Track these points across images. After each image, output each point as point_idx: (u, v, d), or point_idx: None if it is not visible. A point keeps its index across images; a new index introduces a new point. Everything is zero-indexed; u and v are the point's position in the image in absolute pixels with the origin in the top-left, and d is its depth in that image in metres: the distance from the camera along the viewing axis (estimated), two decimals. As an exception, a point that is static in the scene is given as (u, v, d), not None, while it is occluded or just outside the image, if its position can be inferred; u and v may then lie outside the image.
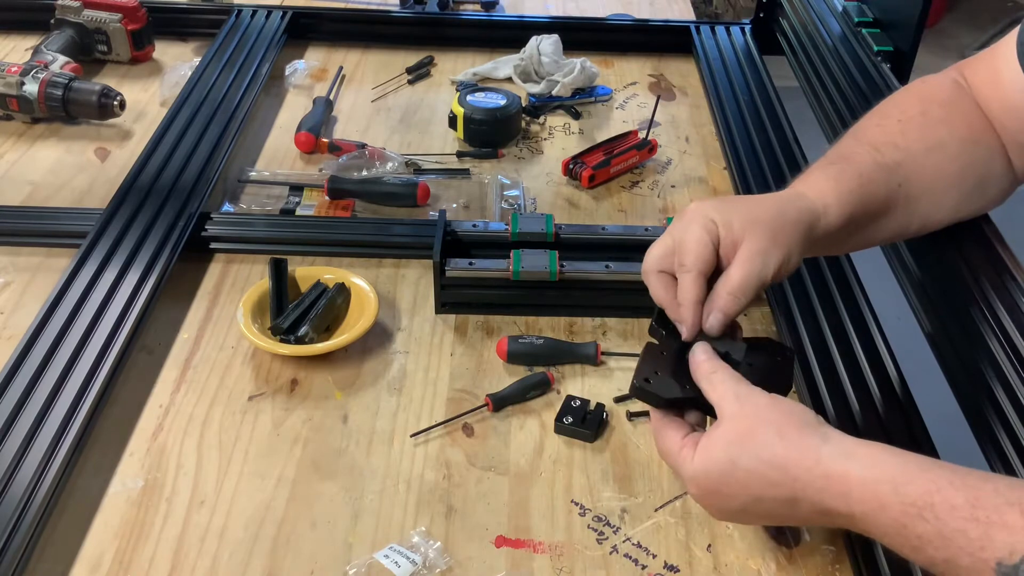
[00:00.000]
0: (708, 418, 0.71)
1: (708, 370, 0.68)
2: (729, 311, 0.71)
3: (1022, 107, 0.80)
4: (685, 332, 0.72)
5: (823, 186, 0.76)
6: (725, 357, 0.71)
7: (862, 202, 0.77)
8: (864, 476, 0.58)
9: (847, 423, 0.82)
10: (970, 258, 0.86)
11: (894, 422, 0.82)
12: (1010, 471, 0.72)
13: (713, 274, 0.72)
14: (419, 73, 1.45)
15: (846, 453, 0.60)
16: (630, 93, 1.44)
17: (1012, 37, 0.82)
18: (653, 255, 0.74)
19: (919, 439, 0.81)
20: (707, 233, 0.71)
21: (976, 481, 0.56)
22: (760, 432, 0.62)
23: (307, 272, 0.99)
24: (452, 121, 1.28)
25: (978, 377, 0.79)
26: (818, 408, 0.85)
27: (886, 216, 0.80)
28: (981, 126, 0.84)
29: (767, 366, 0.72)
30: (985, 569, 0.54)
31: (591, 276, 0.96)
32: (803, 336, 0.93)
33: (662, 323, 0.74)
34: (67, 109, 1.26)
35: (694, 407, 0.70)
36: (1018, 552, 0.53)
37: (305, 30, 1.52)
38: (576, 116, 1.36)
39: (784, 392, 0.70)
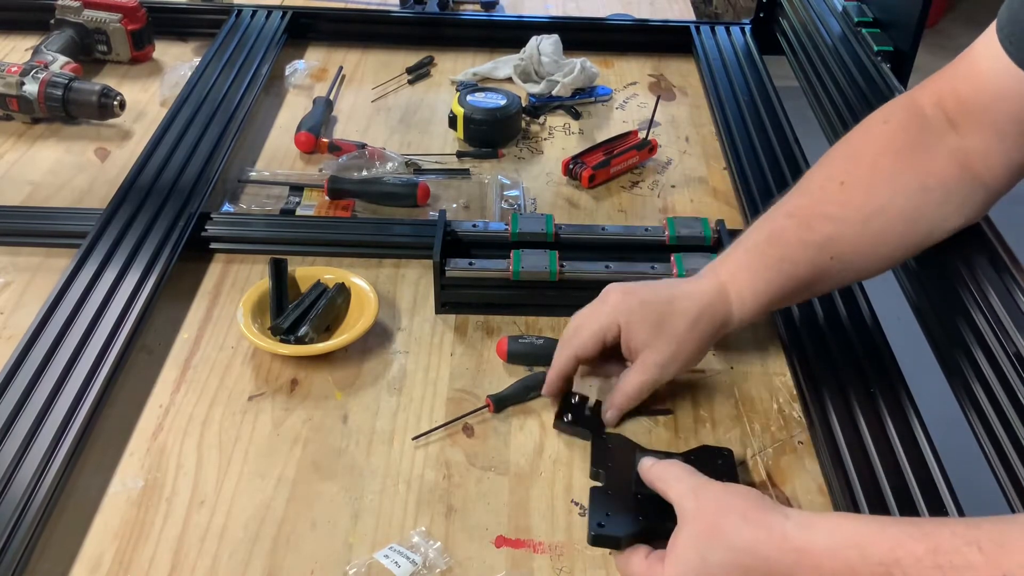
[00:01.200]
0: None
1: (660, 471, 0.71)
2: (623, 408, 0.84)
3: (1008, 89, 0.78)
4: (545, 390, 0.86)
5: (743, 276, 0.83)
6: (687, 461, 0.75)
7: (782, 287, 0.83)
8: (829, 544, 0.60)
9: (847, 423, 0.82)
10: (970, 258, 0.86)
11: (894, 423, 0.82)
12: (1010, 471, 0.73)
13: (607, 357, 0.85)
14: (419, 73, 1.45)
15: (808, 525, 0.62)
16: (630, 93, 1.44)
17: (985, 33, 0.81)
18: (562, 338, 0.86)
19: (919, 439, 0.81)
20: (603, 331, 0.83)
21: (933, 528, 0.58)
22: (725, 522, 0.64)
23: (307, 272, 0.99)
24: (452, 121, 1.28)
25: (978, 376, 0.79)
26: (819, 409, 0.85)
27: (814, 286, 0.84)
28: (937, 165, 0.82)
29: (710, 470, 0.73)
30: None
31: (591, 276, 0.96)
32: (803, 335, 0.93)
33: (600, 463, 0.80)
34: (67, 109, 1.26)
35: (654, 535, 0.71)
36: None
37: (305, 30, 1.52)
38: (576, 116, 1.36)
39: (733, 474, 0.78)
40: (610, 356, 0.85)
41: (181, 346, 0.94)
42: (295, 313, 0.94)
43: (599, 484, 0.78)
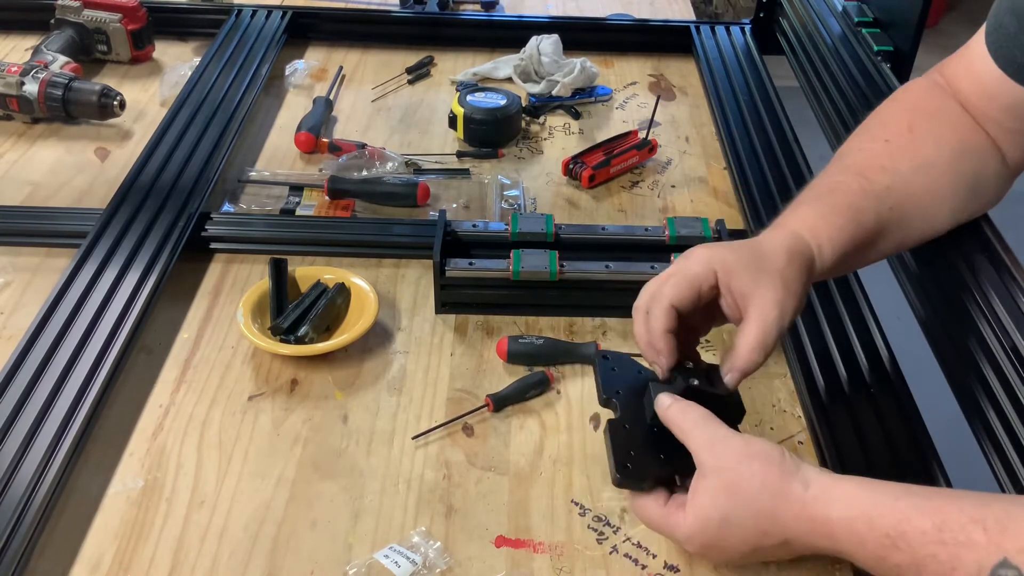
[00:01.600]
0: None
1: (678, 416, 0.69)
2: (749, 368, 0.71)
3: (999, 93, 0.81)
4: (659, 370, 0.72)
5: (815, 224, 0.76)
6: (688, 392, 0.71)
7: (854, 236, 0.78)
8: (842, 516, 0.62)
9: (847, 423, 0.82)
10: (970, 258, 0.86)
11: (894, 423, 0.82)
12: (1009, 470, 0.73)
13: (693, 323, 0.74)
14: (419, 73, 1.45)
15: (826, 497, 0.63)
16: (630, 93, 1.44)
17: (978, 34, 0.83)
18: (646, 291, 0.74)
19: (919, 439, 0.81)
20: (700, 279, 0.71)
21: (942, 503, 0.59)
22: (745, 485, 0.65)
23: (307, 272, 0.99)
24: (452, 121, 1.28)
25: (977, 376, 0.79)
26: (818, 409, 0.85)
27: (879, 241, 0.81)
28: (969, 129, 0.84)
29: (718, 394, 0.72)
30: None
31: (591, 276, 0.96)
32: (803, 335, 0.93)
33: (609, 390, 0.75)
34: (67, 109, 1.26)
35: (678, 472, 0.70)
36: (985, 569, 0.55)
37: (305, 30, 1.52)
38: (576, 116, 1.36)
39: (742, 412, 0.74)
40: (674, 475, 0.73)
41: (181, 346, 0.94)
42: (295, 313, 0.94)
43: (612, 416, 0.74)
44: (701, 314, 0.74)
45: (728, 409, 0.73)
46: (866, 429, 0.82)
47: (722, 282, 0.71)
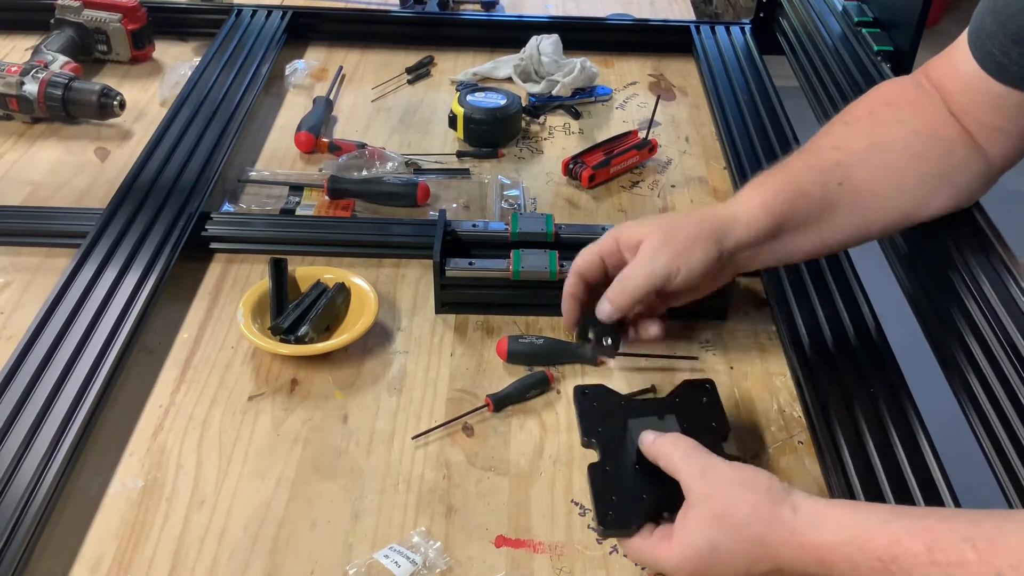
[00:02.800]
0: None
1: (664, 448, 0.70)
2: (620, 304, 0.81)
3: (982, 92, 0.82)
4: (564, 319, 0.85)
5: (748, 195, 0.82)
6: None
7: (791, 202, 0.81)
8: (832, 540, 0.61)
9: (847, 423, 0.82)
10: (970, 258, 0.86)
11: (894, 423, 0.82)
12: (1010, 471, 0.72)
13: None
14: (419, 73, 1.45)
15: (816, 521, 0.62)
16: (630, 93, 1.44)
17: (963, 36, 0.84)
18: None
19: (919, 439, 0.80)
20: (600, 246, 0.83)
21: (933, 523, 0.59)
22: (735, 513, 0.64)
23: (307, 272, 0.99)
24: (452, 121, 1.28)
25: (978, 377, 0.79)
26: (818, 409, 0.85)
27: (831, 215, 0.82)
28: (939, 120, 0.85)
29: (697, 410, 0.76)
30: None
31: (591, 276, 0.96)
32: (803, 335, 0.93)
33: (590, 431, 0.77)
34: (67, 109, 1.26)
35: (662, 510, 0.70)
36: None
37: (305, 30, 1.52)
38: (576, 116, 1.36)
39: (726, 429, 0.77)
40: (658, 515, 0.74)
41: (181, 346, 0.94)
42: (295, 313, 0.94)
43: (595, 460, 0.75)
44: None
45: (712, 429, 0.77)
46: (866, 429, 0.82)
47: (620, 240, 0.82)
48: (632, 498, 0.71)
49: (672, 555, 0.66)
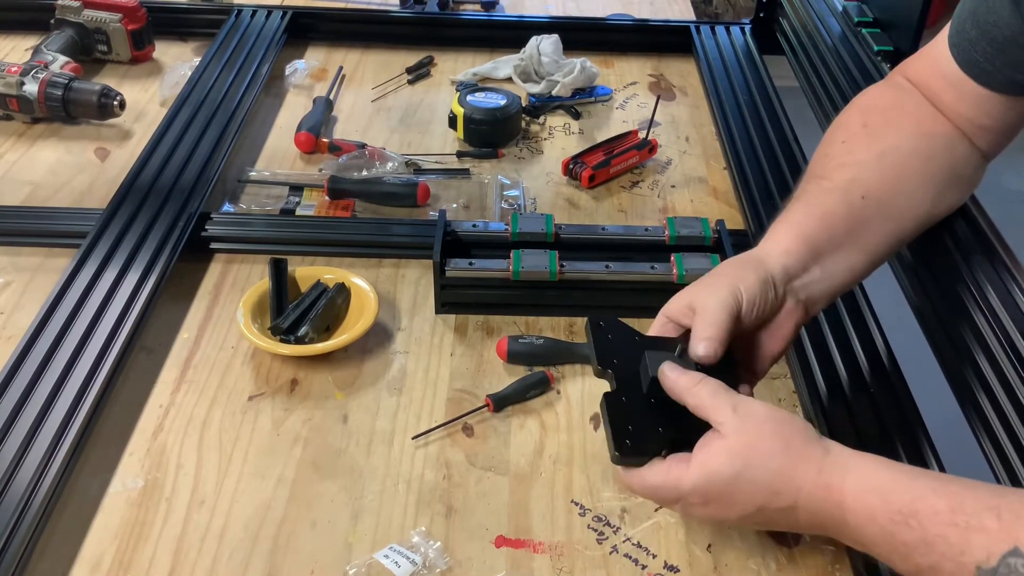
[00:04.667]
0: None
1: (689, 384, 0.67)
2: (705, 333, 0.71)
3: (967, 93, 0.82)
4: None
5: (772, 232, 0.80)
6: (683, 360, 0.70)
7: (819, 225, 0.78)
8: (856, 487, 0.61)
9: (847, 424, 0.82)
10: (970, 258, 0.86)
11: (894, 424, 0.82)
12: (1009, 470, 0.73)
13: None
14: (419, 73, 1.45)
15: (844, 465, 0.62)
16: (630, 93, 1.43)
17: (942, 33, 0.84)
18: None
19: (919, 439, 0.81)
20: (667, 315, 0.76)
21: (959, 488, 0.58)
22: (765, 443, 0.64)
23: (307, 272, 0.99)
24: (452, 121, 1.28)
25: (978, 377, 0.79)
26: (819, 409, 0.85)
27: (865, 229, 0.80)
28: (929, 117, 0.85)
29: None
30: (966, 573, 0.55)
31: (591, 276, 0.96)
32: (803, 335, 0.93)
33: (605, 360, 0.73)
34: (67, 109, 1.26)
35: (676, 443, 0.68)
36: (995, 555, 0.55)
37: (305, 30, 1.52)
38: (576, 116, 1.36)
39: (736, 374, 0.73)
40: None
41: (181, 346, 0.94)
42: (295, 313, 0.94)
43: (609, 388, 0.71)
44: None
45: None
46: (866, 429, 0.82)
47: (668, 315, 0.75)
48: (648, 429, 0.68)
49: (690, 476, 0.64)
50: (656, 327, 0.75)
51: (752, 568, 0.74)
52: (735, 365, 0.74)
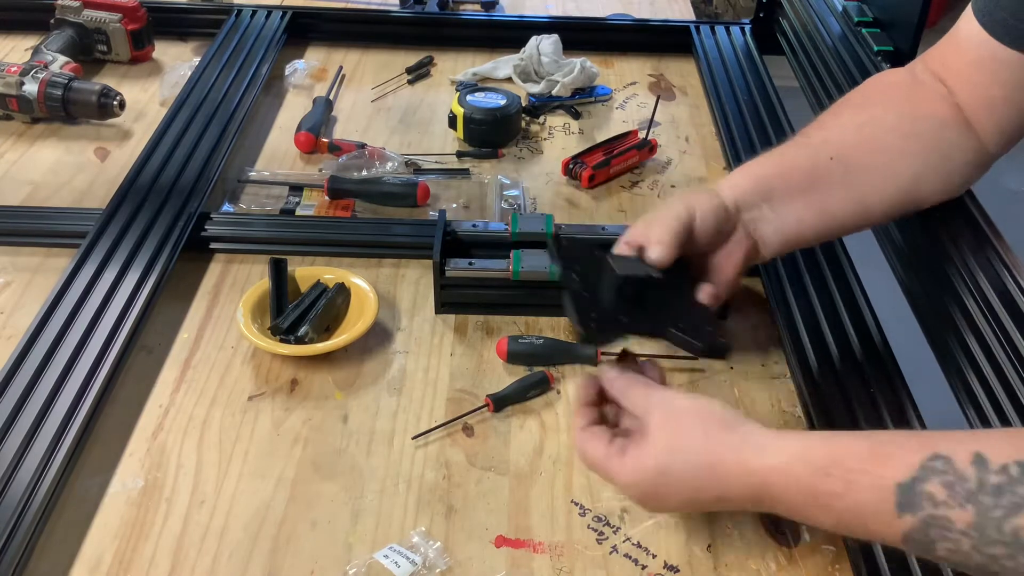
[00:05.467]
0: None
1: (623, 386, 0.71)
2: (654, 236, 0.78)
3: (987, 59, 0.82)
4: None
5: (735, 172, 0.85)
6: (649, 280, 0.74)
7: (777, 171, 0.83)
8: (777, 464, 0.62)
9: (847, 424, 0.82)
10: (970, 258, 0.86)
11: (894, 423, 0.82)
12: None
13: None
14: (419, 73, 1.45)
15: (762, 446, 0.63)
16: (630, 93, 1.43)
17: (967, 10, 0.85)
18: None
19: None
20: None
21: (878, 432, 0.61)
22: (687, 440, 0.65)
23: (307, 272, 0.99)
24: (452, 121, 1.28)
25: (978, 377, 0.79)
26: (819, 409, 0.85)
27: (824, 186, 0.82)
28: (929, 100, 0.85)
29: (695, 314, 0.76)
30: (887, 496, 0.56)
31: (591, 276, 0.96)
32: (803, 335, 0.93)
33: (568, 266, 0.77)
34: (67, 109, 1.26)
35: (641, 334, 0.73)
36: (914, 465, 0.55)
37: (305, 30, 1.52)
38: (576, 116, 1.36)
39: (721, 345, 0.80)
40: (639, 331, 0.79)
41: (181, 346, 0.94)
42: (295, 313, 0.94)
43: (573, 287, 0.75)
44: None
45: (674, 293, 0.77)
46: (866, 429, 0.81)
47: (629, 242, 0.80)
48: (611, 317, 0.72)
49: (624, 475, 0.67)
50: (619, 251, 0.79)
51: (752, 568, 0.74)
52: (690, 277, 0.79)
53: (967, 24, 0.84)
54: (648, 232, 0.78)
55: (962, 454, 0.54)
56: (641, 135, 1.25)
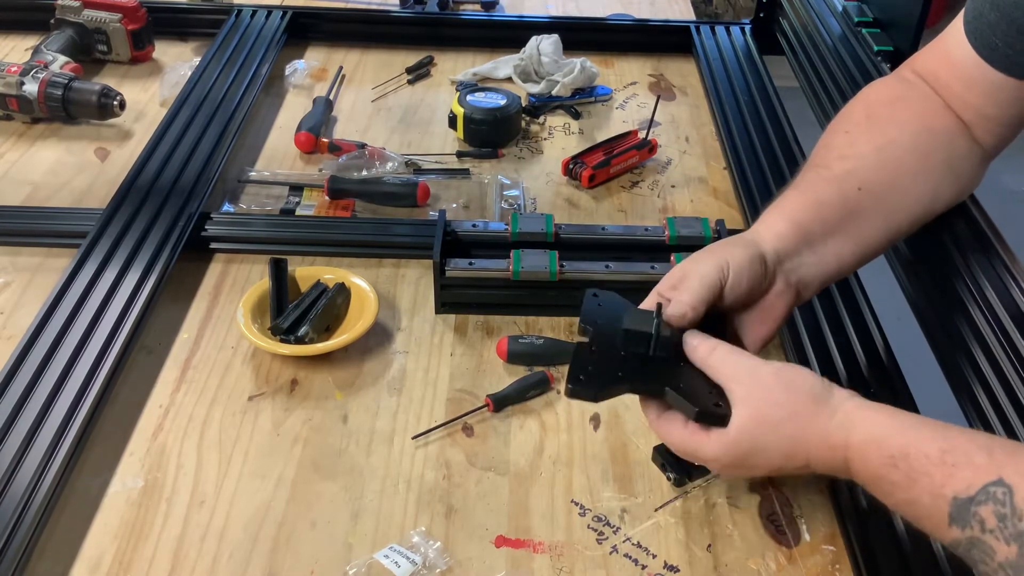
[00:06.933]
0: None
1: (707, 350, 0.71)
2: (680, 298, 0.74)
3: (979, 80, 0.82)
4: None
5: (765, 216, 0.82)
6: (651, 336, 0.72)
7: (812, 212, 0.80)
8: (858, 441, 0.63)
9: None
10: (970, 257, 0.86)
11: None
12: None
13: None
14: (419, 73, 1.45)
15: (848, 423, 0.64)
16: (630, 93, 1.43)
17: (958, 20, 0.84)
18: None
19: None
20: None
21: (955, 434, 0.60)
22: (775, 414, 0.66)
23: (307, 272, 0.99)
24: (452, 121, 1.28)
25: (978, 377, 0.79)
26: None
27: (857, 220, 0.81)
28: (932, 112, 0.85)
29: (700, 375, 0.73)
30: (942, 504, 0.57)
31: (591, 276, 0.96)
32: (803, 336, 0.93)
33: (588, 320, 0.75)
34: (67, 109, 1.26)
35: (636, 392, 0.72)
36: (976, 486, 0.56)
37: (305, 30, 1.52)
38: (576, 116, 1.36)
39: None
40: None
41: (181, 346, 0.94)
42: (295, 313, 0.94)
43: (584, 340, 0.74)
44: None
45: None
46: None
47: (660, 293, 0.77)
48: (606, 372, 0.71)
49: (710, 447, 0.68)
50: (648, 304, 0.77)
51: (752, 568, 0.74)
52: (716, 334, 0.76)
53: (959, 42, 0.83)
54: (676, 285, 0.75)
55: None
56: (641, 135, 1.25)
